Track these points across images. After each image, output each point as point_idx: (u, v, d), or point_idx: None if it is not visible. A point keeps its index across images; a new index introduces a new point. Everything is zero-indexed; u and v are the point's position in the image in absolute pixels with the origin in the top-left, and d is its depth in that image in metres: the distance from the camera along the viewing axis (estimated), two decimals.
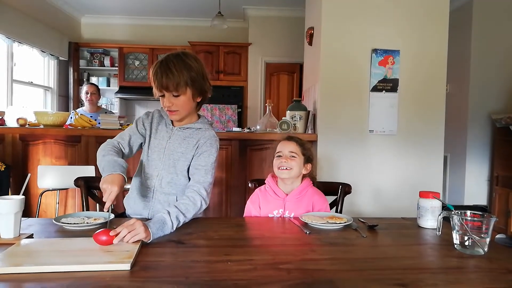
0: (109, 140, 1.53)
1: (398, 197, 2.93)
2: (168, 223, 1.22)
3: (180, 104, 1.45)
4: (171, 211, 1.26)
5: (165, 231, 1.21)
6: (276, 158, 1.64)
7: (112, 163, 1.34)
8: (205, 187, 1.44)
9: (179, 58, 1.42)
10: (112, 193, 1.23)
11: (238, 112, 5.80)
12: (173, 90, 1.41)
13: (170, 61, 1.40)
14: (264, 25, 5.78)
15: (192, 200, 1.37)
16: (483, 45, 4.33)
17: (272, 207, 1.62)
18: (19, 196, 1.14)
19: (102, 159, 1.39)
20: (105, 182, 1.26)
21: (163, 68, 1.40)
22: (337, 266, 0.97)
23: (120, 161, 1.37)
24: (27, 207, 2.84)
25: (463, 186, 4.44)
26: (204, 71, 1.49)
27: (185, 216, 1.31)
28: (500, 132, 4.10)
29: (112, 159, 1.37)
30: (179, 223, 1.28)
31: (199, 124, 1.55)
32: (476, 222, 1.10)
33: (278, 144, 1.68)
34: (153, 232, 1.14)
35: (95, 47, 6.03)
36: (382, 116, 2.93)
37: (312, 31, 3.26)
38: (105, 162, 1.36)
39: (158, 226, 1.18)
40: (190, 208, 1.34)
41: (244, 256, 1.05)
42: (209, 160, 1.49)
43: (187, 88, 1.43)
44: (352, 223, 1.38)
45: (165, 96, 1.44)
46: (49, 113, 3.00)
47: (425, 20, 2.94)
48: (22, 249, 1.02)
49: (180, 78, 1.39)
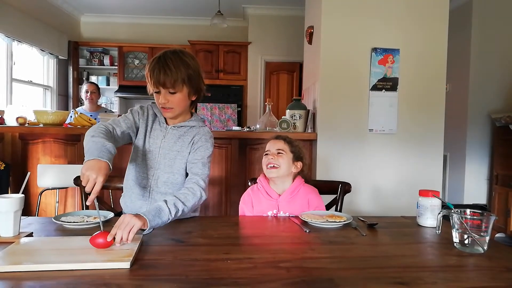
0: (102, 123, 1.43)
1: (397, 195, 2.94)
2: (165, 209, 1.21)
3: (175, 102, 1.44)
4: (168, 199, 1.26)
5: (163, 217, 1.19)
6: (264, 156, 1.64)
7: (100, 147, 1.22)
8: (203, 179, 1.43)
9: (176, 55, 1.41)
10: (98, 184, 1.11)
11: (238, 111, 5.81)
12: (170, 86, 1.39)
13: (168, 58, 1.39)
14: (263, 24, 5.78)
15: (191, 190, 1.36)
16: (482, 45, 4.33)
17: (265, 208, 1.61)
18: (18, 195, 1.14)
19: (90, 139, 1.27)
20: (89, 169, 1.13)
21: (161, 64, 1.38)
22: (336, 265, 0.98)
23: (109, 146, 1.24)
24: (26, 206, 2.84)
25: (462, 185, 4.45)
26: (200, 70, 1.48)
27: (184, 204, 1.29)
28: (499, 131, 4.10)
29: (101, 141, 1.25)
30: (177, 211, 1.26)
31: (193, 122, 1.54)
32: (476, 220, 1.10)
33: (267, 143, 1.68)
34: (149, 219, 1.13)
35: (95, 46, 6.02)
36: (382, 115, 2.93)
37: (312, 30, 3.25)
38: (92, 143, 1.24)
39: (154, 213, 1.17)
40: (189, 197, 1.33)
41: (243, 254, 1.05)
42: (205, 154, 1.49)
43: (184, 86, 1.42)
44: (352, 222, 1.38)
45: (161, 93, 1.42)
46: (48, 112, 3.00)
47: (425, 19, 2.94)
48: (21, 248, 1.02)
49: (177, 75, 1.38)
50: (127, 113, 1.55)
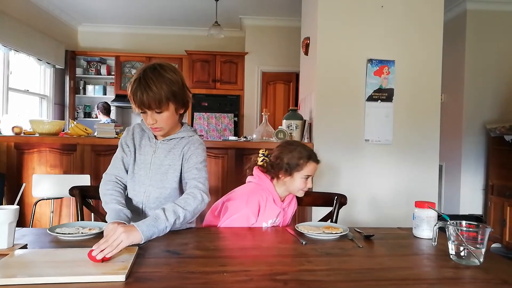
0: (106, 176, 1.48)
1: (393, 206, 2.94)
2: (161, 217, 1.18)
3: (164, 120, 1.39)
4: (166, 206, 1.23)
5: (159, 226, 1.17)
6: (303, 180, 1.58)
7: (118, 212, 1.32)
8: (201, 182, 1.39)
9: (157, 72, 1.34)
10: (122, 244, 1.05)
11: (235, 121, 5.82)
12: (155, 107, 1.34)
13: (148, 78, 1.32)
14: (260, 35, 5.82)
15: (190, 194, 1.34)
16: (477, 55, 4.38)
17: (267, 216, 1.59)
18: (13, 206, 1.13)
19: (106, 206, 1.37)
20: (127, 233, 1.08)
21: (142, 85, 1.31)
22: (333, 277, 0.97)
23: (125, 211, 1.34)
24: (21, 216, 2.81)
25: (458, 195, 4.46)
26: (184, 81, 1.43)
27: (184, 209, 1.27)
28: (494, 141, 4.13)
29: (117, 208, 1.34)
30: (177, 217, 1.24)
31: (182, 133, 1.51)
32: (472, 232, 1.10)
33: (306, 163, 1.58)
34: (143, 230, 1.10)
35: (92, 56, 6.04)
36: (378, 125, 2.94)
37: (308, 41, 3.28)
38: (110, 211, 1.33)
39: (149, 223, 1.14)
40: (189, 201, 1.30)
41: (240, 267, 1.04)
42: (197, 159, 1.45)
43: (169, 103, 1.37)
44: (348, 233, 1.38)
45: (148, 113, 1.37)
46: (44, 121, 2.99)
47: (420, 31, 2.98)
48: (15, 260, 1.01)
49: (161, 94, 1.32)
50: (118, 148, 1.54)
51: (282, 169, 1.58)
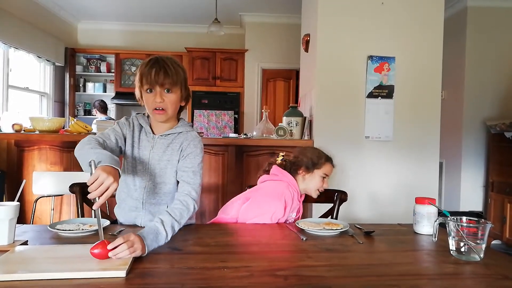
0: (91, 136, 1.38)
1: (394, 202, 2.94)
2: (162, 233, 1.17)
3: (170, 101, 1.41)
4: (165, 221, 1.21)
5: (160, 241, 1.16)
6: (321, 179, 1.71)
7: (110, 156, 1.21)
8: (195, 189, 1.40)
9: (172, 59, 1.44)
10: (110, 190, 1.10)
11: (235, 118, 5.82)
12: (169, 86, 1.39)
13: (166, 60, 1.41)
14: (260, 32, 5.81)
15: (185, 205, 1.34)
16: (477, 52, 4.37)
17: (291, 211, 1.64)
18: (13, 203, 1.13)
19: (90, 150, 1.24)
20: (107, 173, 1.11)
21: (160, 64, 1.38)
22: (333, 273, 0.97)
23: (116, 158, 1.24)
24: (21, 213, 2.82)
25: (458, 192, 4.46)
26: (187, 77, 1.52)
27: (179, 223, 1.27)
28: (494, 138, 4.12)
29: (106, 152, 1.24)
30: (174, 232, 1.24)
31: (180, 128, 1.51)
32: (472, 228, 1.10)
33: (325, 163, 1.74)
34: (147, 244, 1.09)
35: (92, 53, 6.03)
36: (378, 122, 2.94)
37: (308, 38, 3.28)
38: (97, 154, 1.21)
39: (152, 237, 1.13)
40: (184, 214, 1.31)
41: (240, 263, 1.04)
42: (195, 161, 1.45)
43: (180, 88, 1.44)
44: (349, 229, 1.38)
45: (157, 92, 1.39)
46: (44, 118, 2.99)
47: (420, 28, 2.97)
48: (16, 256, 1.01)
49: (177, 76, 1.40)
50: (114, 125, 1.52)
51: (303, 165, 1.69)
